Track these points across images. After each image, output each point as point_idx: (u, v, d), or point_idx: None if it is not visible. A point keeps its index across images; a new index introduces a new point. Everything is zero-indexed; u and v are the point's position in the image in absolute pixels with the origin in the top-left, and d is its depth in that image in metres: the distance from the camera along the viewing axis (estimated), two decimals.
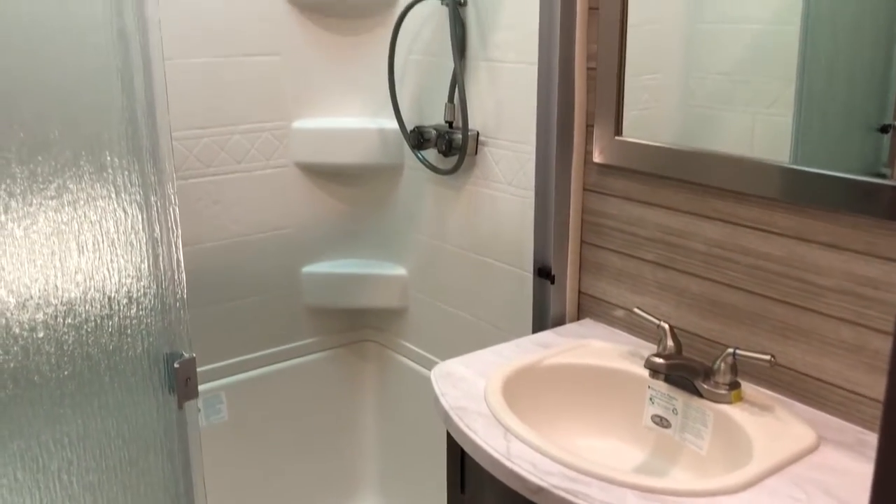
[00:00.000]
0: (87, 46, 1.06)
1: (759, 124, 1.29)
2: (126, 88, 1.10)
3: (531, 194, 1.70)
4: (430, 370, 1.44)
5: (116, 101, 1.10)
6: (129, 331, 1.18)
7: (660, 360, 1.28)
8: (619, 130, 1.50)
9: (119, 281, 1.16)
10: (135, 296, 1.18)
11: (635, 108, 1.48)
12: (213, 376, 2.16)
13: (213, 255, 2.10)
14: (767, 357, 1.25)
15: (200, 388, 2.13)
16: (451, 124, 1.93)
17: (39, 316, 1.10)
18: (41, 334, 1.11)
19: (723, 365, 1.30)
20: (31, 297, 1.09)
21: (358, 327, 2.38)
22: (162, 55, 1.08)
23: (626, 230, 1.54)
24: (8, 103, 1.02)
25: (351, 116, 2.18)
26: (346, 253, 2.31)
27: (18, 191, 1.05)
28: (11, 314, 1.08)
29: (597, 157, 1.55)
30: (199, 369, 2.11)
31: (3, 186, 1.04)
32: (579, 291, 1.67)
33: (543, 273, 1.67)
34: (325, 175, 2.21)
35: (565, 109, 1.57)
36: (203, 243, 2.08)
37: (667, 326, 1.37)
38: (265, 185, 2.14)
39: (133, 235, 1.16)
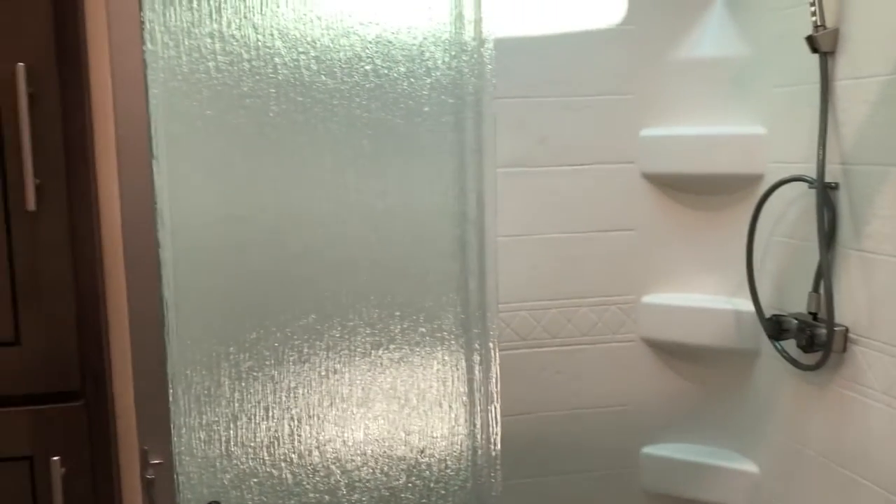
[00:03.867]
0: (426, 256, 1.15)
1: None
2: (461, 293, 1.17)
3: None
4: None
5: (451, 305, 1.17)
6: None
7: None
8: None
9: (438, 472, 1.20)
10: (452, 489, 1.21)
11: None
12: None
13: (550, 425, 2.09)
14: None
15: None
16: (815, 316, 1.72)
17: (365, 499, 1.18)
18: None
19: None
20: (360, 480, 1.17)
21: None
22: (496, 263, 1.13)
23: None
24: (354, 316, 1.14)
25: (704, 294, 2.07)
26: (690, 437, 2.14)
27: (359, 390, 1.16)
28: (343, 494, 1.17)
29: None
30: None
31: (346, 378, 1.15)
32: None
33: None
34: (672, 353, 2.11)
35: None
36: (541, 412, 2.09)
37: None
38: (609, 358, 2.11)
39: (455, 426, 1.20)
